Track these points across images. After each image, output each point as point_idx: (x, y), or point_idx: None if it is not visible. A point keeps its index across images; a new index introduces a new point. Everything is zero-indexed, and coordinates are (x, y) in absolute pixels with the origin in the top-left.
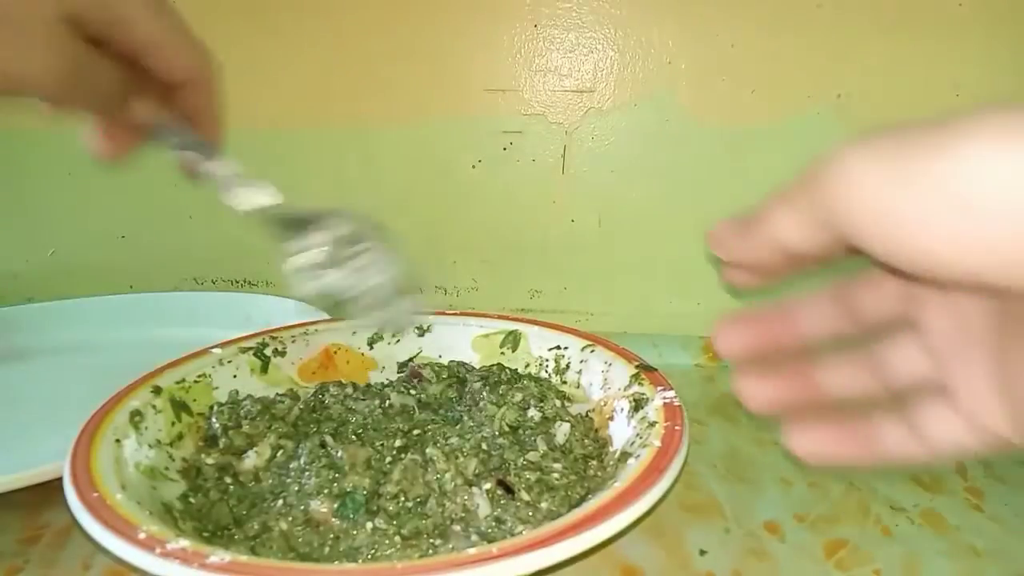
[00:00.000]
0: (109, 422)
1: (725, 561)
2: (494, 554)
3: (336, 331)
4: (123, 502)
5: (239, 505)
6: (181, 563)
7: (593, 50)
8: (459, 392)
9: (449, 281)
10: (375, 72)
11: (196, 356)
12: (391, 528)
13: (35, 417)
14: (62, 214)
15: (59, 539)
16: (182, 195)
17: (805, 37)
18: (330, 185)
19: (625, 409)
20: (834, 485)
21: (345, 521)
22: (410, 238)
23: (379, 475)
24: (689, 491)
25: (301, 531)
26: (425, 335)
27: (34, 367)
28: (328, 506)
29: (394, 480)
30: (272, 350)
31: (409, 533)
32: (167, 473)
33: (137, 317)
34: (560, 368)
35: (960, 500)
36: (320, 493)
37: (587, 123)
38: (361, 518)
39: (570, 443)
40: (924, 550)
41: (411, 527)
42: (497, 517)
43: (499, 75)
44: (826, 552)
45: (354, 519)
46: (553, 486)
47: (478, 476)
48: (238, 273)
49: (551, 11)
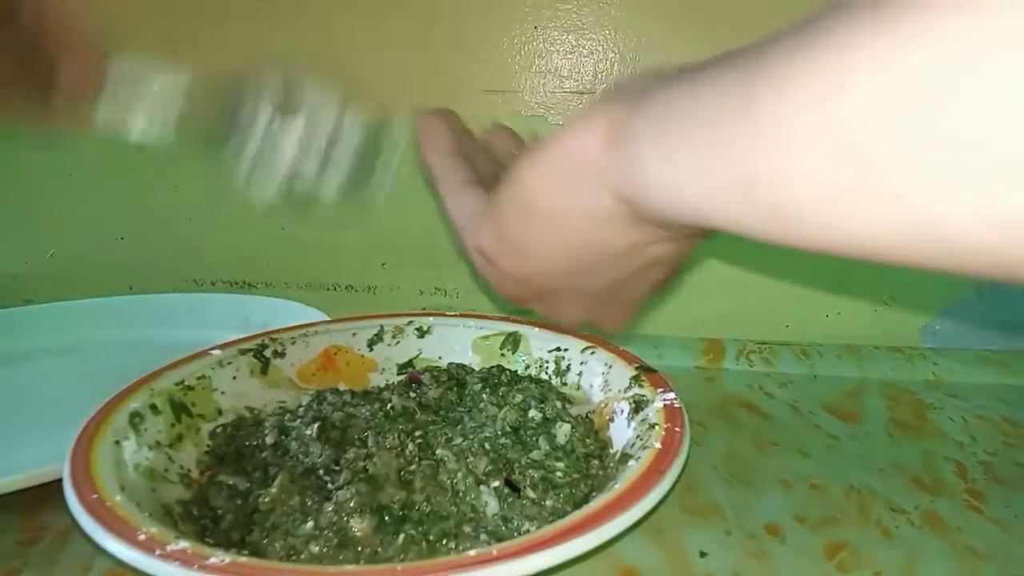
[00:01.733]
0: (109, 424)
1: (725, 563)
2: (494, 555)
3: (335, 333)
4: (123, 503)
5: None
6: (181, 564)
7: (593, 52)
8: (459, 394)
9: (449, 283)
10: (375, 72)
11: (195, 358)
12: (418, 534)
13: (34, 419)
14: (61, 215)
15: (58, 541)
16: (181, 197)
17: None
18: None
19: (625, 411)
20: (834, 487)
21: (382, 536)
22: (410, 240)
23: (408, 485)
24: (689, 493)
25: (335, 553)
26: (425, 337)
27: (33, 368)
28: (369, 523)
29: (418, 488)
30: (272, 351)
31: (435, 538)
32: (167, 475)
33: (136, 319)
34: (560, 370)
35: (960, 502)
36: (359, 512)
37: None
38: (396, 530)
39: (571, 443)
40: (924, 552)
41: (436, 531)
42: (504, 516)
43: (499, 76)
44: (827, 554)
45: (392, 534)
46: (557, 484)
47: (487, 475)
48: (237, 275)
49: (551, 12)
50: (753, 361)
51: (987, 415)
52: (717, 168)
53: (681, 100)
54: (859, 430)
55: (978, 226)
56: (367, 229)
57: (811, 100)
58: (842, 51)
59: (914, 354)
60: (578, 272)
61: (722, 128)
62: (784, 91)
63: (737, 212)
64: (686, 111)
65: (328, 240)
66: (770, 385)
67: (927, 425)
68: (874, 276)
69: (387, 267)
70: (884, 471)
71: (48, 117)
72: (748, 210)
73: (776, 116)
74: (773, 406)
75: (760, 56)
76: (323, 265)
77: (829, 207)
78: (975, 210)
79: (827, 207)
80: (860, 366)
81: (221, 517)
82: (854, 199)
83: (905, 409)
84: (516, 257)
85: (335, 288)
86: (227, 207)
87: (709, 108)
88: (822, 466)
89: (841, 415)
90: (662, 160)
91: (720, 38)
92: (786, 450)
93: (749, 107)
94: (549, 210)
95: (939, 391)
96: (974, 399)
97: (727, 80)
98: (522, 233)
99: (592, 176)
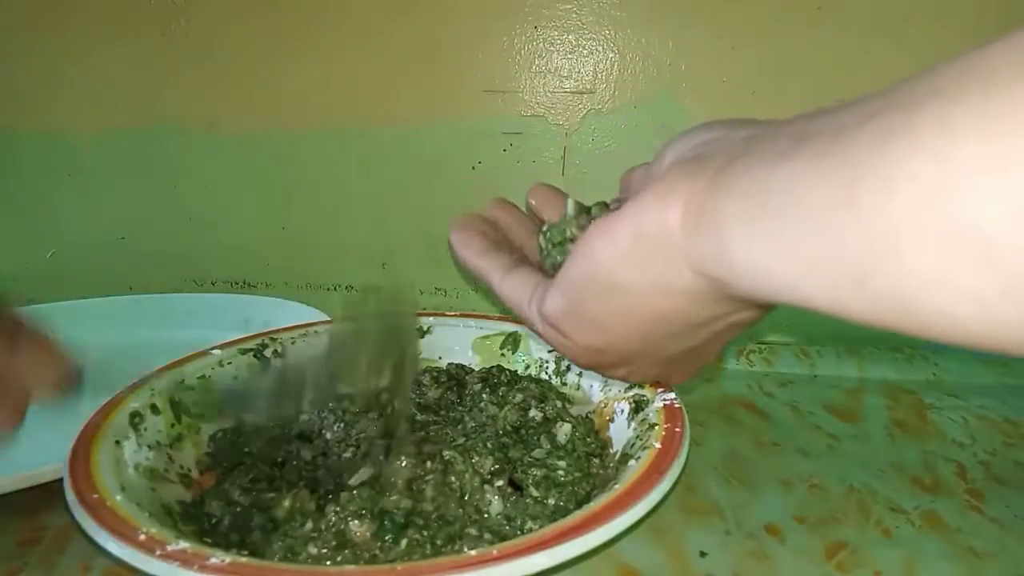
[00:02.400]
0: (109, 423)
1: (725, 563)
2: (494, 555)
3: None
4: (123, 503)
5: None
6: (181, 564)
7: (593, 51)
8: (459, 394)
9: (449, 283)
10: (375, 73)
11: (196, 357)
12: (423, 538)
13: (35, 419)
14: (61, 216)
15: (59, 541)
16: (182, 197)
17: (805, 39)
18: (330, 186)
19: (625, 411)
20: (834, 487)
21: (382, 541)
22: (410, 239)
23: (419, 494)
24: (689, 493)
25: (333, 554)
26: (425, 337)
27: None
28: (369, 527)
29: (429, 497)
30: (271, 351)
31: (442, 542)
32: (167, 475)
33: (136, 319)
34: (560, 370)
35: (960, 502)
36: (359, 515)
37: (587, 124)
38: (398, 535)
39: (572, 442)
40: (924, 552)
41: (443, 535)
42: (507, 515)
43: (499, 76)
44: (826, 554)
45: (393, 539)
46: (559, 482)
47: (492, 474)
48: (237, 275)
49: (551, 12)
50: (753, 361)
51: (987, 415)
52: (822, 258)
53: (773, 179)
54: (859, 430)
55: None
56: (367, 229)
57: (920, 190)
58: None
59: (914, 354)
60: (656, 340)
61: (825, 219)
62: (888, 181)
63: (845, 300)
64: (781, 193)
65: (328, 240)
66: (770, 385)
67: (927, 425)
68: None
69: (387, 267)
70: (884, 471)
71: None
72: (858, 299)
73: (884, 208)
74: (773, 406)
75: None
76: (323, 265)
77: (947, 299)
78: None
79: (944, 299)
80: (860, 366)
81: (220, 519)
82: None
83: (905, 409)
84: (591, 330)
85: (335, 288)
86: (227, 207)
87: (808, 194)
88: (822, 466)
89: (841, 415)
90: (756, 245)
91: (720, 39)
92: (786, 450)
93: (853, 201)
94: (625, 285)
95: (939, 391)
96: (974, 399)
97: (826, 165)
98: (597, 307)
99: (672, 253)
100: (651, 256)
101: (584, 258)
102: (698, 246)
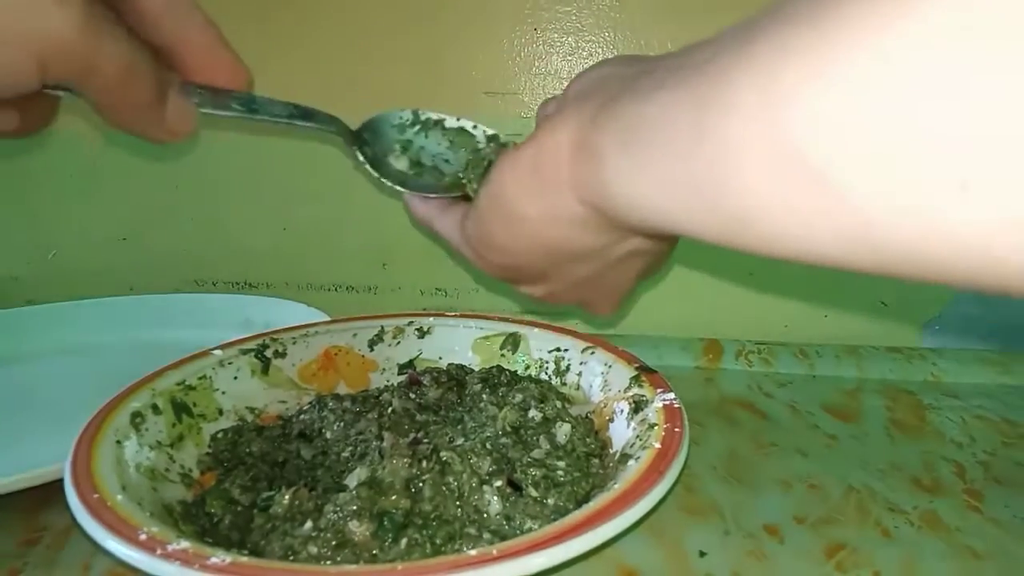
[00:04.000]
0: (110, 423)
1: (724, 563)
2: (494, 555)
3: (336, 333)
4: (124, 503)
5: (253, 531)
6: (182, 564)
7: (593, 54)
8: (459, 395)
9: (449, 283)
10: (375, 74)
11: (197, 358)
12: (423, 538)
13: (35, 419)
14: (63, 216)
15: (59, 541)
16: (183, 197)
17: None
18: (330, 186)
19: (625, 411)
20: (834, 487)
21: (381, 541)
22: (410, 240)
23: (417, 494)
24: (689, 493)
25: (333, 554)
26: (425, 337)
27: (35, 369)
28: (368, 527)
29: (427, 497)
30: (273, 352)
31: (441, 541)
32: (168, 475)
33: (138, 319)
34: (560, 370)
35: (960, 502)
36: (358, 515)
37: None
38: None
39: (572, 443)
40: (923, 552)
41: (442, 535)
42: (506, 515)
43: (499, 78)
44: (826, 554)
45: (393, 538)
46: (559, 482)
47: (491, 475)
48: (238, 275)
49: (551, 15)
50: (752, 361)
51: (986, 415)
52: (679, 183)
53: (641, 113)
54: (858, 430)
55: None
56: (367, 229)
57: (750, 111)
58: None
59: (913, 354)
60: (562, 265)
61: (679, 145)
62: (727, 105)
63: (701, 222)
64: (650, 124)
65: (328, 240)
66: (769, 385)
67: (926, 425)
68: (873, 276)
69: (387, 267)
70: (883, 471)
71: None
72: (711, 220)
73: (723, 131)
74: (772, 406)
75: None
76: (323, 265)
77: (780, 218)
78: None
79: (777, 218)
80: (859, 366)
81: (221, 518)
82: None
83: (904, 409)
84: (500, 252)
85: (335, 288)
86: (227, 207)
87: (669, 124)
88: (821, 466)
89: (840, 415)
90: (628, 172)
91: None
92: (785, 450)
93: (700, 125)
94: (525, 213)
95: (938, 391)
96: (973, 399)
97: (681, 94)
98: (502, 232)
99: (562, 183)
100: (545, 186)
101: (490, 185)
102: (581, 175)
